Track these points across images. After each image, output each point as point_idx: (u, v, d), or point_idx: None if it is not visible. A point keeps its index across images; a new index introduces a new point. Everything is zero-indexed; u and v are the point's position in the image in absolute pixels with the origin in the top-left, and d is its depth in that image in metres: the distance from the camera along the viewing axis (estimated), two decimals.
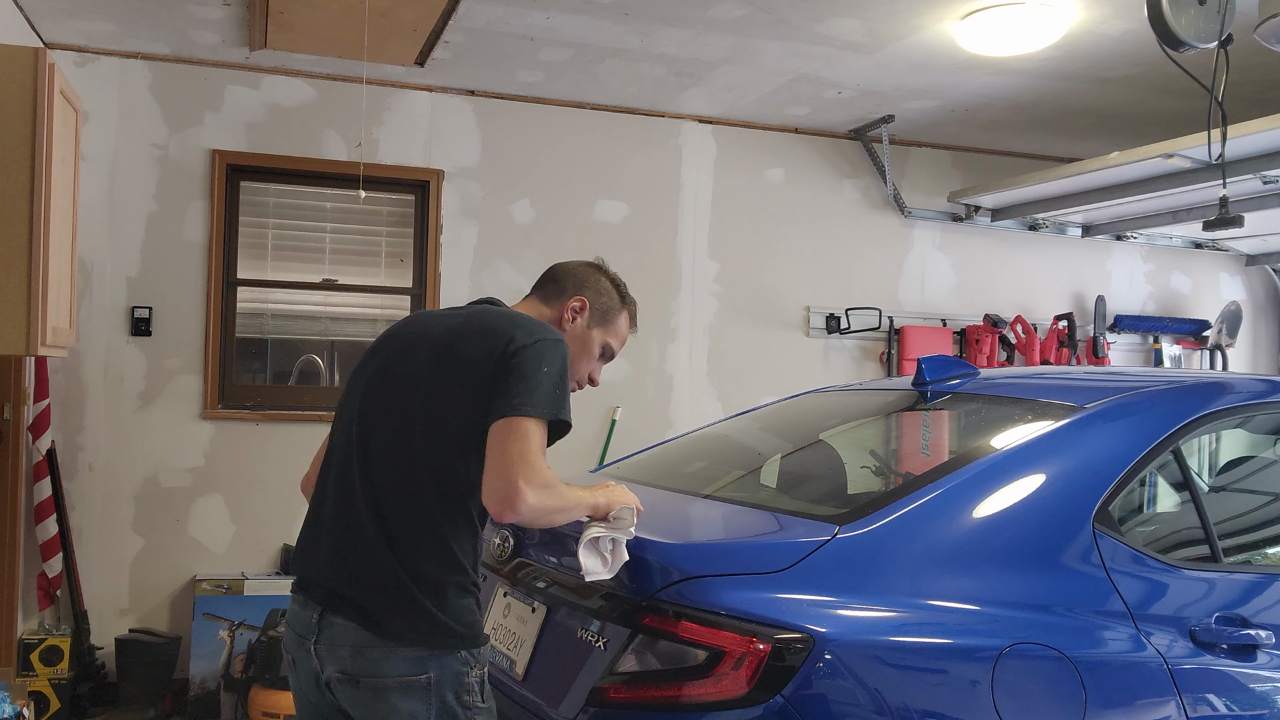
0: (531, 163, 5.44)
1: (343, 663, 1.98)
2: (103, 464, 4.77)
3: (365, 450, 2.05)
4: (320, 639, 2.01)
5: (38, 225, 3.28)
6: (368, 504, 2.01)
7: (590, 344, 2.31)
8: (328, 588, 2.03)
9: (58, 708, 4.36)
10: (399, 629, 1.95)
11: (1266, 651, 2.17)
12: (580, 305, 2.28)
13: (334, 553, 2.04)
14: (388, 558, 1.97)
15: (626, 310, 2.37)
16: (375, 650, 1.96)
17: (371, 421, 2.08)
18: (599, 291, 2.31)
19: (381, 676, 1.95)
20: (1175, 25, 3.20)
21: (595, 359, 2.34)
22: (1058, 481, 2.20)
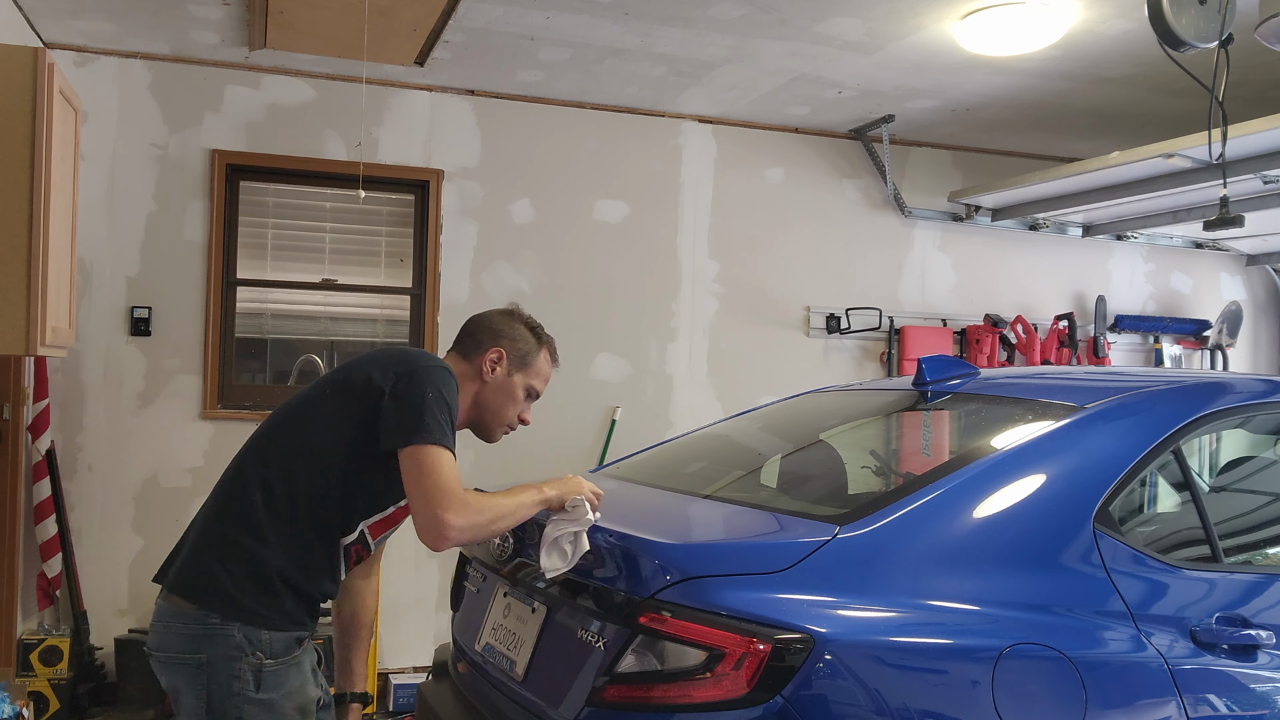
0: (531, 163, 5.44)
1: (149, 637, 2.20)
2: (102, 464, 4.77)
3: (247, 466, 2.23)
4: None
5: (37, 225, 3.28)
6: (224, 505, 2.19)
7: (514, 389, 2.43)
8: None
9: (57, 708, 4.36)
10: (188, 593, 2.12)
11: (1267, 651, 2.16)
12: (498, 356, 2.41)
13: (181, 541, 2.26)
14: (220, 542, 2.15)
15: (544, 349, 2.49)
16: (161, 622, 2.16)
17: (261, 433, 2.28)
18: (514, 339, 2.44)
19: (164, 651, 2.14)
20: (1176, 25, 3.20)
21: (520, 401, 2.46)
22: (1058, 482, 2.20)
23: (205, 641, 2.07)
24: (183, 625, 2.11)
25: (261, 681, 2.08)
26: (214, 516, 2.19)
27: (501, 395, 2.42)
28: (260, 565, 2.11)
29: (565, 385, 5.47)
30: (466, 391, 2.37)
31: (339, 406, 2.21)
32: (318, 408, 2.24)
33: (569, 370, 5.48)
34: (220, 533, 2.15)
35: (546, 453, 5.34)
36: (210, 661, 2.07)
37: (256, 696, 2.08)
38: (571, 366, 5.49)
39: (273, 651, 2.10)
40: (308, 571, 2.17)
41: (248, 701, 2.07)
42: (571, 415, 5.47)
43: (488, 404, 2.41)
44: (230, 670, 2.07)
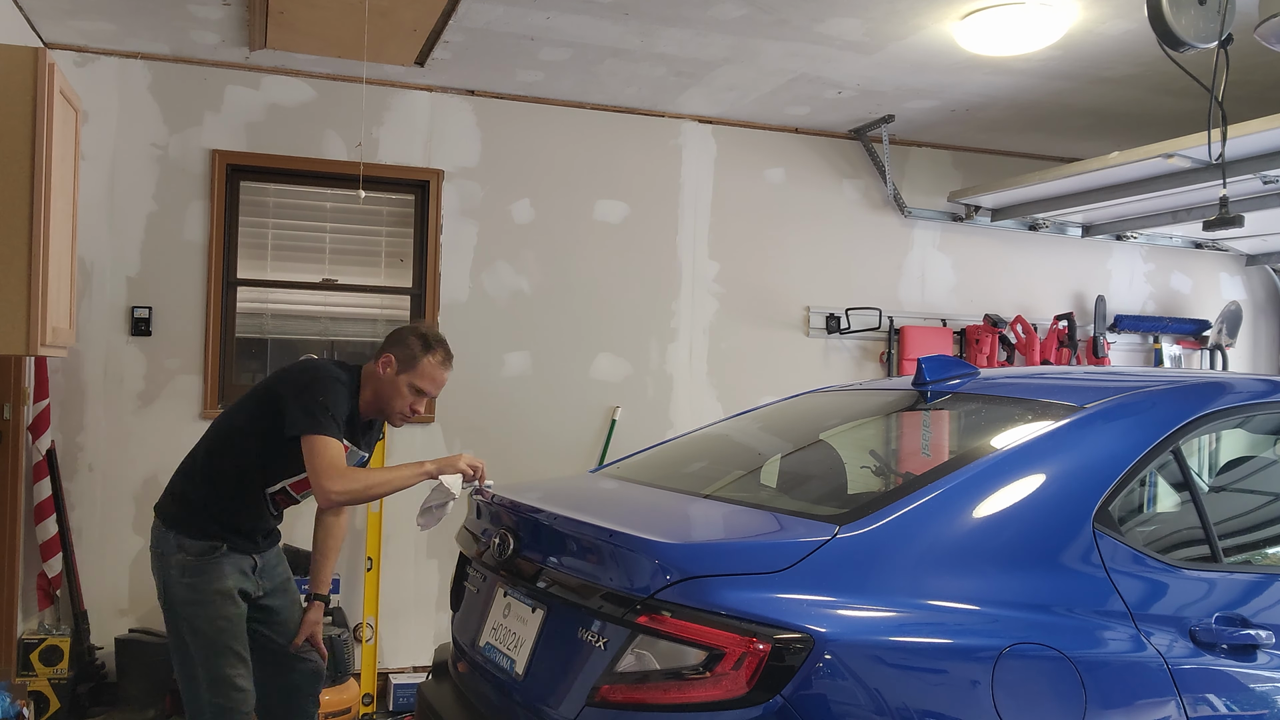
0: (531, 163, 5.44)
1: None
2: (102, 464, 4.77)
3: (201, 443, 3.24)
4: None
5: (38, 225, 3.28)
6: (187, 462, 3.21)
7: (399, 386, 3.14)
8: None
9: (57, 708, 4.36)
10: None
11: (1266, 651, 2.17)
12: (387, 360, 3.16)
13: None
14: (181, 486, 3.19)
15: (430, 354, 3.16)
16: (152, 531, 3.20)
17: (214, 424, 3.28)
18: (404, 346, 3.17)
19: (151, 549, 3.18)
20: (1175, 25, 3.20)
21: (406, 396, 3.15)
22: (1058, 481, 2.20)
23: (158, 540, 3.12)
24: (153, 531, 3.16)
25: (185, 570, 3.05)
26: (180, 475, 3.20)
27: (390, 390, 3.15)
28: (191, 497, 3.11)
29: (565, 385, 5.48)
30: (369, 385, 3.17)
31: (258, 406, 3.10)
32: (249, 406, 3.14)
33: (569, 370, 5.50)
34: (180, 479, 3.18)
35: (547, 452, 5.35)
36: (161, 553, 3.10)
37: (183, 580, 3.05)
38: (571, 366, 5.50)
39: (192, 551, 3.05)
40: (226, 506, 3.09)
41: (177, 584, 3.06)
42: (571, 415, 5.48)
43: (382, 396, 3.16)
44: (170, 560, 3.07)
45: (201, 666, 3.04)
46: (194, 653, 3.05)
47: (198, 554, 3.05)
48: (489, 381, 5.35)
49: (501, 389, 5.35)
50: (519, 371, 5.41)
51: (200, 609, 3.05)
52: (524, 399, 5.39)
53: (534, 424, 5.39)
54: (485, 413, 5.33)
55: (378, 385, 3.16)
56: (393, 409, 3.18)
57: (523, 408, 5.38)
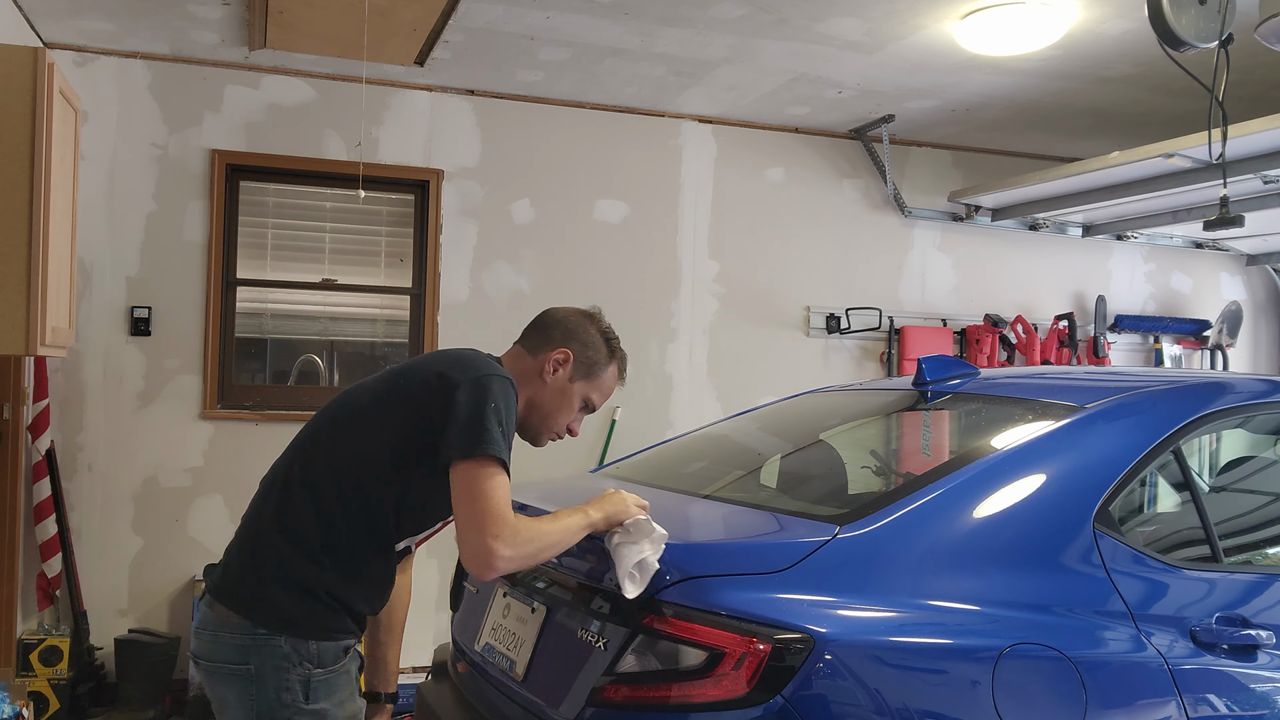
0: (531, 163, 5.44)
1: (193, 643, 2.11)
2: (102, 464, 4.77)
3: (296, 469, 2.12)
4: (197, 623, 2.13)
5: (37, 225, 3.28)
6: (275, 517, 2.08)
7: (570, 397, 2.28)
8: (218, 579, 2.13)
9: (57, 708, 4.36)
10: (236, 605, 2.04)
11: (1267, 651, 2.16)
12: (564, 357, 2.25)
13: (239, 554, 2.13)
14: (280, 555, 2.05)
15: (614, 364, 2.31)
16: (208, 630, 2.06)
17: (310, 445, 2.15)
18: (585, 344, 2.28)
19: (212, 660, 2.06)
20: (1175, 25, 3.20)
21: (575, 410, 2.30)
22: (1058, 482, 2.19)
23: (253, 652, 2.01)
24: (230, 635, 2.03)
25: (310, 691, 2.02)
26: (265, 528, 2.09)
27: (557, 399, 2.27)
28: (311, 583, 2.03)
29: None
30: (522, 390, 2.21)
31: (395, 417, 2.07)
32: (373, 417, 2.09)
33: None
34: (271, 546, 2.06)
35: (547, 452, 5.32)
36: (259, 673, 2.01)
37: (306, 707, 2.02)
38: None
39: (321, 661, 2.04)
40: (359, 588, 2.10)
41: (298, 713, 2.01)
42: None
43: (541, 406, 2.27)
44: (280, 681, 2.01)
45: None
46: None
47: (329, 662, 2.05)
48: None
49: None
50: None
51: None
52: None
53: None
54: None
55: (537, 392, 2.26)
56: (551, 426, 2.32)
57: None
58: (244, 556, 2.09)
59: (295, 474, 2.10)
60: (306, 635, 2.02)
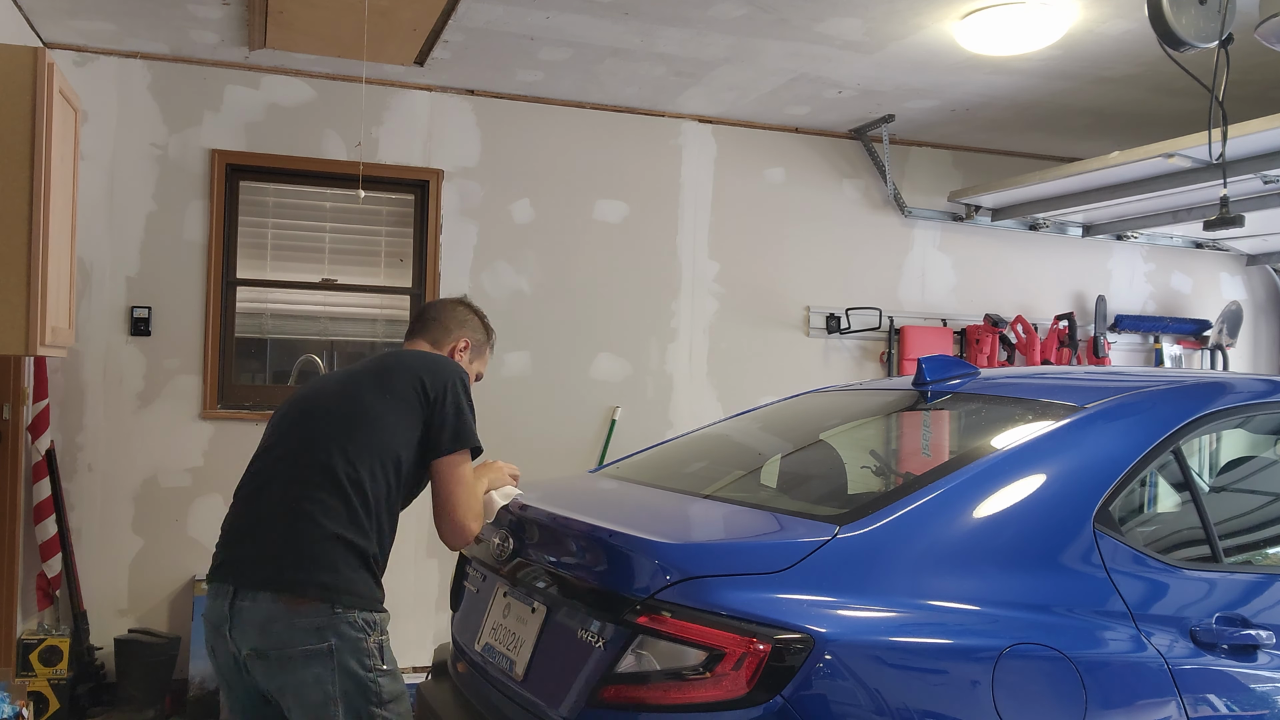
0: (531, 163, 5.44)
1: (251, 640, 2.27)
2: (102, 464, 4.77)
3: (299, 452, 2.40)
4: (233, 622, 2.30)
5: (37, 225, 3.28)
6: (292, 493, 2.34)
7: (469, 374, 2.68)
8: (241, 570, 2.34)
9: (57, 708, 4.36)
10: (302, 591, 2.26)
11: (1267, 652, 2.16)
12: (465, 345, 2.73)
13: (254, 538, 2.37)
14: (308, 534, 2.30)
15: (490, 339, 2.84)
16: (280, 622, 2.25)
17: (308, 430, 2.43)
18: (474, 329, 2.77)
19: (291, 647, 2.24)
20: (1176, 25, 3.20)
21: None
22: (1058, 482, 2.19)
23: (331, 630, 2.24)
24: (308, 619, 2.23)
25: (384, 654, 2.32)
26: (308, 513, 2.30)
27: None
28: (365, 556, 2.33)
29: (565, 385, 5.48)
30: None
31: (402, 412, 2.41)
32: (383, 412, 2.40)
33: (569, 370, 5.49)
34: (323, 529, 2.29)
35: (547, 452, 5.34)
36: (340, 647, 2.24)
37: (384, 668, 2.30)
38: (571, 366, 5.50)
39: (382, 628, 2.34)
40: (385, 559, 2.43)
41: (381, 674, 2.29)
42: (571, 415, 5.47)
43: None
44: (361, 650, 2.26)
45: None
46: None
47: (386, 628, 2.37)
48: (489, 381, 5.31)
49: (501, 389, 5.34)
50: (519, 371, 5.40)
51: (403, 703, 2.35)
52: (524, 399, 5.39)
53: (534, 424, 5.39)
54: (485, 413, 5.28)
55: None
56: None
57: (523, 408, 5.38)
58: (298, 547, 2.28)
59: (319, 464, 2.33)
60: (371, 608, 2.31)
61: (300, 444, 2.39)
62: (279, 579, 2.26)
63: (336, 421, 2.39)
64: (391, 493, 2.39)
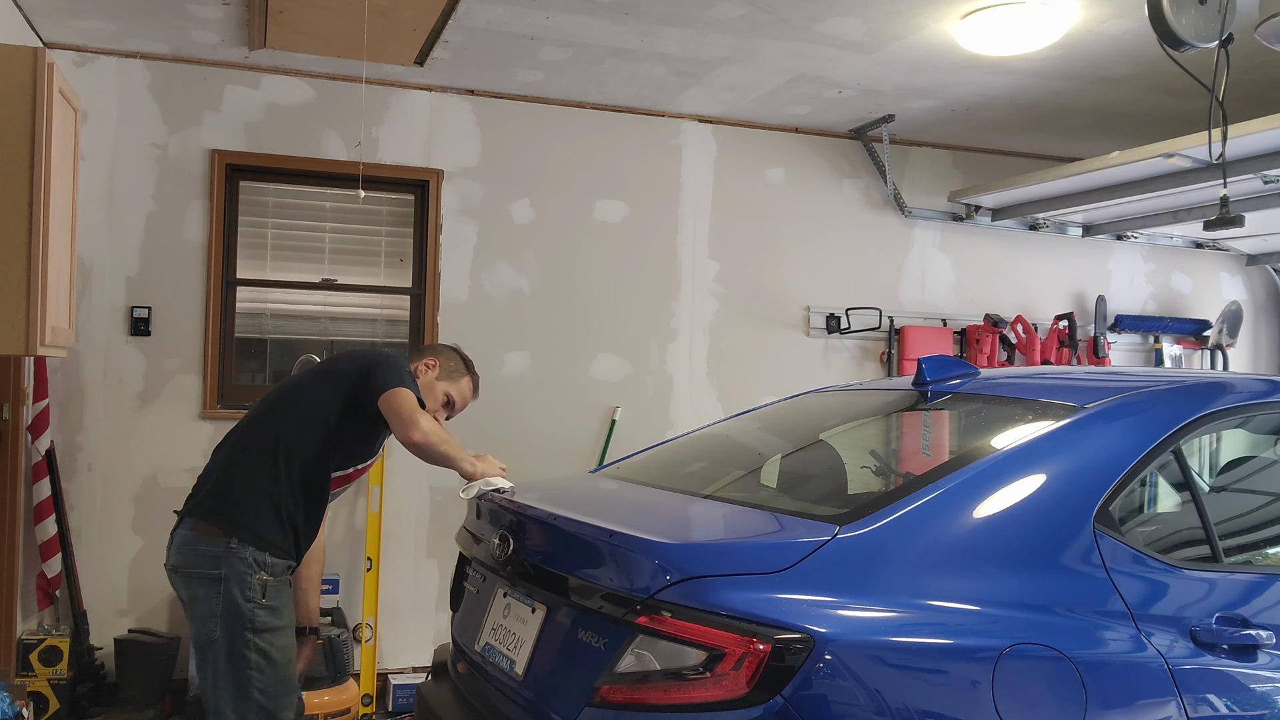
0: (531, 162, 5.44)
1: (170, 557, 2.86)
2: (102, 464, 4.77)
3: (251, 424, 2.98)
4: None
5: (37, 225, 3.28)
6: (249, 457, 2.89)
7: (435, 391, 3.19)
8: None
9: (57, 708, 4.36)
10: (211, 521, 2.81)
11: (1267, 651, 2.16)
12: (432, 363, 3.22)
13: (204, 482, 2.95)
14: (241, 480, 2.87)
15: (469, 377, 3.28)
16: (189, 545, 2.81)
17: (264, 408, 3.01)
18: (449, 359, 3.27)
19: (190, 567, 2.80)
20: (1176, 25, 3.20)
21: (438, 401, 3.20)
22: (1058, 481, 2.19)
23: (225, 560, 2.73)
24: (208, 546, 2.76)
25: (266, 592, 2.75)
26: (240, 464, 2.86)
27: (425, 390, 3.13)
28: (275, 506, 2.80)
29: (565, 385, 5.48)
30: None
31: (330, 387, 2.95)
32: (312, 390, 2.96)
33: (569, 370, 5.49)
34: (246, 477, 2.83)
35: (547, 452, 5.35)
36: (228, 575, 2.72)
37: (264, 603, 2.75)
38: (571, 366, 5.50)
39: (274, 571, 2.78)
40: (303, 514, 2.88)
41: (259, 607, 2.74)
42: (571, 415, 5.47)
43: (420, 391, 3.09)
44: (245, 582, 2.73)
45: (268, 703, 2.74)
46: (258, 694, 2.73)
47: (280, 574, 2.81)
48: (489, 381, 5.28)
49: (501, 389, 5.35)
50: (519, 371, 5.40)
51: (280, 636, 2.78)
52: (524, 399, 5.39)
53: (534, 424, 5.39)
54: (485, 413, 5.30)
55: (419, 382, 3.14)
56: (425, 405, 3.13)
57: (523, 408, 5.38)
58: (223, 486, 2.84)
59: (262, 433, 2.91)
60: (265, 549, 2.77)
61: (255, 418, 2.99)
62: (199, 509, 2.83)
63: (283, 402, 2.98)
64: (320, 456, 2.91)
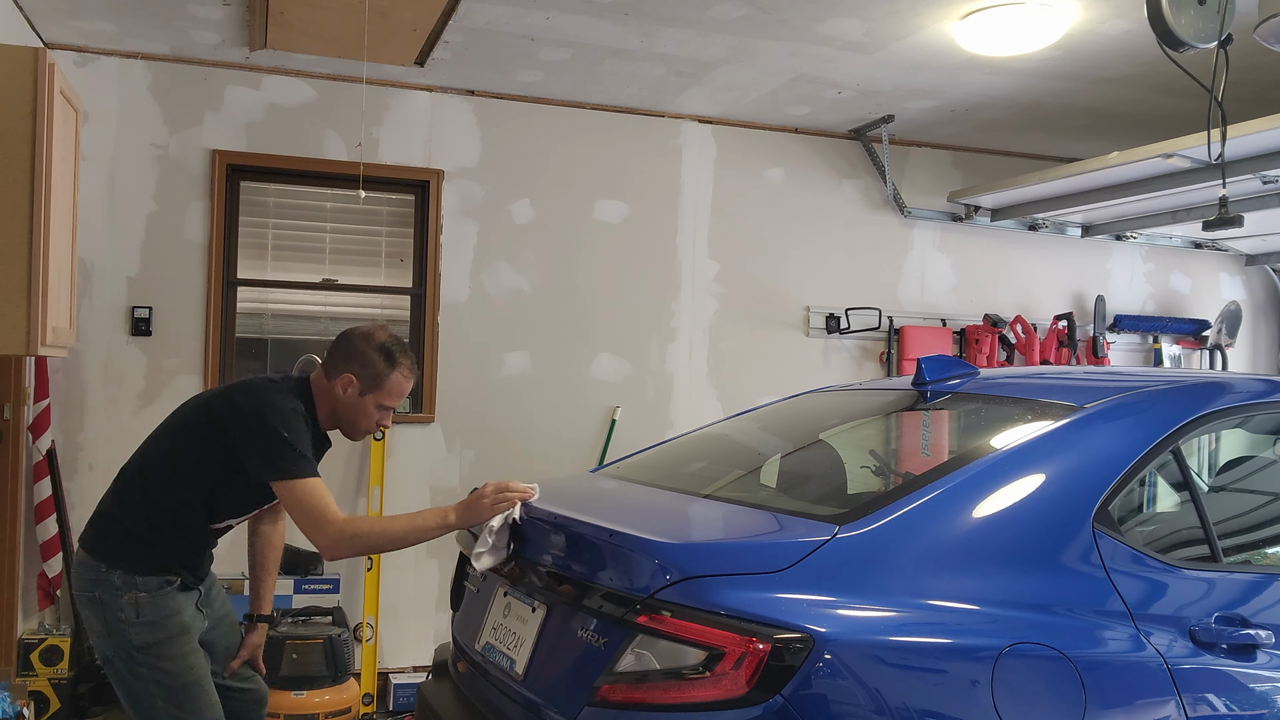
0: (531, 163, 5.44)
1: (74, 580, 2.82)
2: (103, 464, 4.77)
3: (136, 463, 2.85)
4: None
5: (38, 225, 3.28)
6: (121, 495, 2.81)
7: (365, 407, 2.83)
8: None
9: (58, 707, 4.36)
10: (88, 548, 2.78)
11: (1266, 651, 2.17)
12: (348, 380, 2.80)
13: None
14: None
15: (397, 370, 2.82)
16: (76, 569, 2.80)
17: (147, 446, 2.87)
18: (365, 364, 2.79)
19: (78, 590, 2.78)
20: (1175, 25, 3.20)
21: (372, 415, 2.85)
22: (1057, 481, 2.20)
23: (99, 583, 2.71)
24: (86, 571, 2.75)
25: (140, 610, 2.68)
26: (112, 501, 2.81)
27: (353, 412, 2.83)
28: (138, 540, 2.73)
29: (565, 385, 5.48)
30: (325, 403, 2.83)
31: (201, 434, 2.72)
32: (189, 433, 2.76)
33: (569, 370, 5.49)
34: (116, 514, 2.77)
35: (547, 453, 5.35)
36: (99, 597, 2.71)
37: (139, 621, 2.68)
38: (571, 366, 5.50)
39: (146, 588, 2.70)
40: (172, 549, 2.76)
41: (131, 626, 2.68)
42: (571, 415, 5.48)
43: (343, 417, 2.85)
44: (117, 603, 2.69)
45: (178, 713, 2.70)
46: (163, 705, 2.69)
47: (154, 589, 2.71)
48: (489, 381, 5.35)
49: (501, 389, 5.35)
50: (519, 371, 5.41)
51: (167, 648, 2.70)
52: (524, 399, 5.39)
53: (534, 424, 5.39)
54: (485, 413, 5.33)
55: (336, 405, 2.83)
56: (357, 428, 2.88)
57: (523, 408, 5.38)
58: (97, 519, 2.83)
59: (134, 473, 2.79)
60: (134, 571, 2.70)
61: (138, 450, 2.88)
62: (82, 539, 2.84)
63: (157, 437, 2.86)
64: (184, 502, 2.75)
